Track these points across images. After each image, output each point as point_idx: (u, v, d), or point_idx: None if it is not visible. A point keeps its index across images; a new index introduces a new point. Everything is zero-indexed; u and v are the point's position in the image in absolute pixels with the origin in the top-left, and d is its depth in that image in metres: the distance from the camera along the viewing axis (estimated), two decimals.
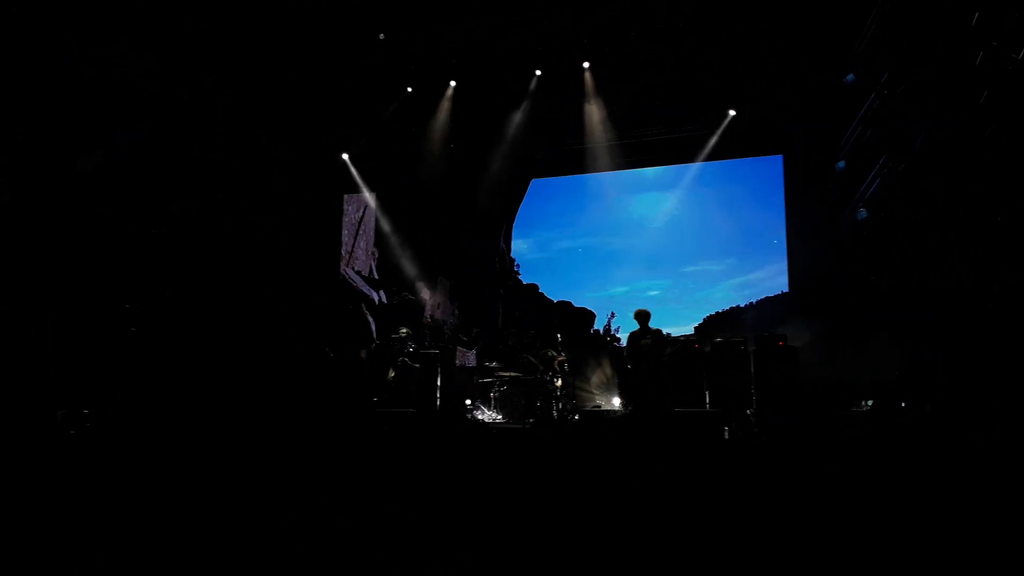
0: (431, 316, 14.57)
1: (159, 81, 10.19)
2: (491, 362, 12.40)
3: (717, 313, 12.84)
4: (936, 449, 4.11)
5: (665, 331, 10.98)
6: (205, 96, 10.96)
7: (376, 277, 15.18)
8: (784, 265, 12.11)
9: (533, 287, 14.55)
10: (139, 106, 10.20)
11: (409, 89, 13.06)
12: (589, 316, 13.84)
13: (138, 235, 10.43)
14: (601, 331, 13.59)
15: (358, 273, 15.21)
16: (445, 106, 13.21)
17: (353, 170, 14.32)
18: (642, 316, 10.17)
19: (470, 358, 13.88)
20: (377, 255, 15.26)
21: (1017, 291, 6.19)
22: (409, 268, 14.89)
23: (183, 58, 10.43)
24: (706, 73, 11.70)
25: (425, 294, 14.81)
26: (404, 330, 12.13)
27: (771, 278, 12.43)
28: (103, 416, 8.37)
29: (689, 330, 12.67)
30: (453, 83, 12.95)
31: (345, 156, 14.16)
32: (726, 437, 9.46)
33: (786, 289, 11.98)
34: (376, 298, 15.01)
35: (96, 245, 9.90)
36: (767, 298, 12.39)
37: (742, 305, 12.71)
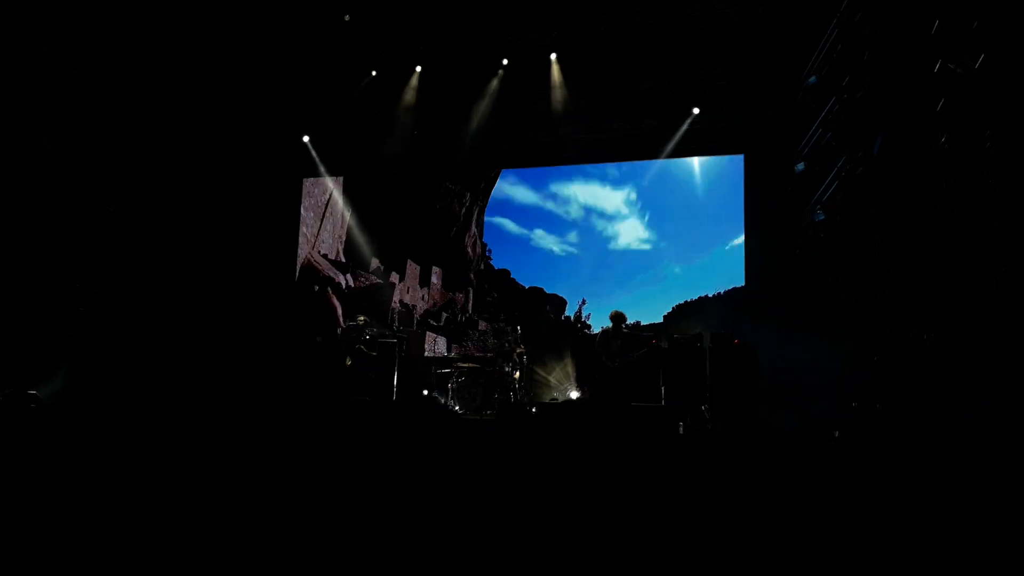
0: (400, 301, 14.46)
1: (91, 69, 9.95)
2: (463, 346, 12.40)
3: (687, 302, 12.96)
4: (884, 447, 4.19)
5: (631, 320, 11.10)
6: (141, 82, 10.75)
7: (343, 260, 15.02)
8: None
9: (505, 272, 14.51)
10: (72, 95, 9.93)
11: (374, 73, 12.88)
12: (560, 302, 13.86)
13: (90, 213, 10.16)
14: (572, 317, 13.63)
15: (324, 256, 15.03)
16: (411, 91, 13.06)
17: (314, 153, 14.12)
18: (617, 318, 10.26)
19: (440, 343, 13.82)
20: (344, 239, 15.10)
21: (972, 292, 6.34)
22: (378, 252, 14.78)
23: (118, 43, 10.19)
24: (670, 71, 11.77)
25: (394, 278, 14.69)
26: (362, 317, 12.02)
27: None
28: (51, 397, 8.14)
29: (659, 318, 12.79)
30: (419, 68, 12.81)
31: (306, 139, 13.95)
32: (680, 432, 9.58)
33: None
34: (343, 282, 14.86)
35: (44, 219, 9.61)
36: (735, 288, 12.53)
37: (710, 295, 12.84)
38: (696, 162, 13.06)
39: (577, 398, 11.71)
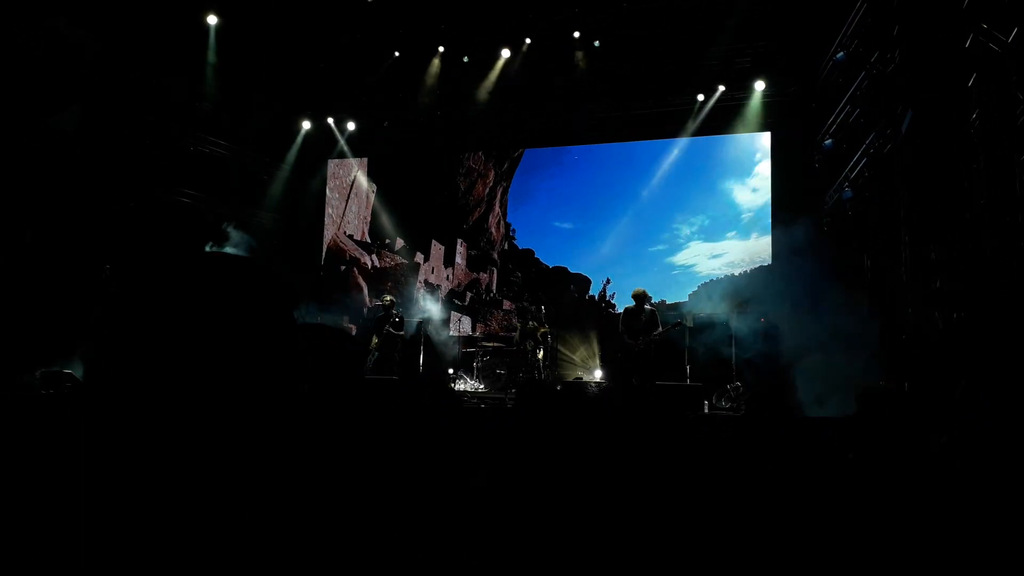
0: (424, 280, 14.56)
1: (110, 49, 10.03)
2: (487, 326, 12.50)
3: (712, 280, 12.88)
4: (909, 432, 4.18)
5: (656, 300, 11.10)
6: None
7: (368, 241, 15.15)
8: None
9: (529, 252, 14.51)
10: (93, 76, 10.03)
11: (397, 54, 12.89)
12: (584, 282, 13.85)
13: (119, 200, 10.30)
14: (596, 297, 13.63)
15: (350, 237, 15.18)
16: (433, 71, 13.06)
17: (339, 134, 14.23)
18: (639, 297, 10.20)
19: (465, 323, 13.93)
20: (369, 220, 15.22)
21: (999, 272, 6.26)
22: (402, 233, 14.90)
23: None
24: (695, 48, 11.65)
25: (419, 258, 14.80)
26: (388, 297, 12.12)
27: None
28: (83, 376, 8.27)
29: (684, 297, 12.76)
30: (442, 48, 12.80)
31: (330, 120, 14.05)
32: (706, 411, 9.61)
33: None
34: (369, 262, 15.01)
35: (69, 201, 9.72)
36: (761, 267, 12.44)
37: (736, 273, 12.74)
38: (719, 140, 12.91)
39: (601, 377, 11.76)
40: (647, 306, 10.18)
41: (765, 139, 12.48)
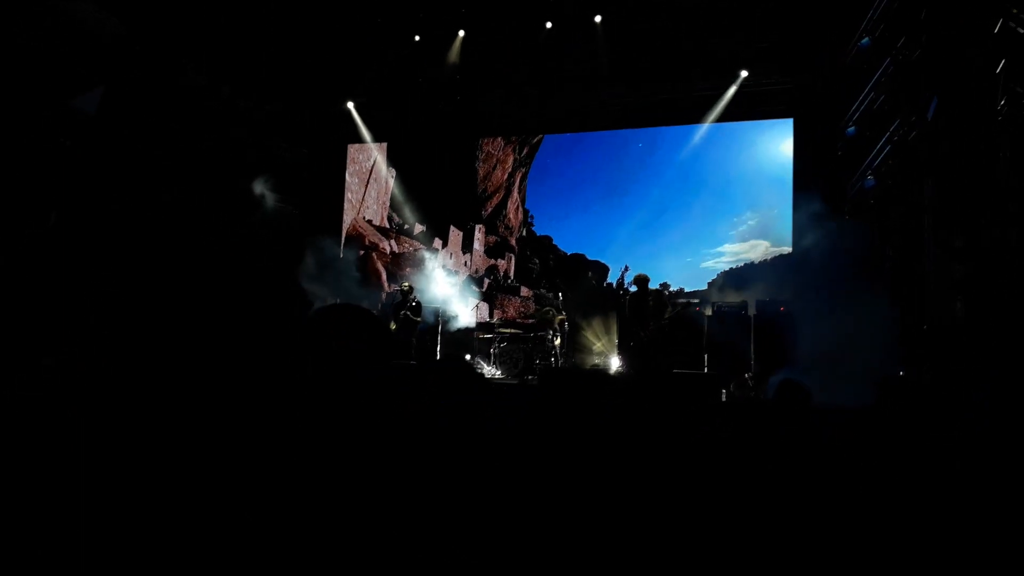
0: (442, 266, 14.60)
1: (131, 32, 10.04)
2: (505, 312, 12.52)
3: (731, 269, 12.79)
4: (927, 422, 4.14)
5: (675, 287, 11.05)
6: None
7: (387, 226, 15.20)
8: None
9: (547, 239, 14.49)
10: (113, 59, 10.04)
11: (417, 38, 12.85)
12: (603, 269, 13.81)
13: (128, 178, 10.31)
14: (614, 284, 13.59)
15: (368, 222, 15.23)
16: (453, 56, 13.01)
17: (359, 119, 14.24)
18: (642, 281, 10.25)
19: (482, 309, 13.95)
20: (388, 205, 15.27)
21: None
22: (421, 218, 14.94)
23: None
24: (719, 32, 11.51)
25: (437, 244, 14.83)
26: (406, 283, 12.17)
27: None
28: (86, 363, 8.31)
29: (703, 285, 12.69)
30: (462, 33, 12.74)
31: (350, 105, 14.05)
32: (723, 400, 9.56)
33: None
34: (388, 247, 15.06)
35: (85, 182, 9.76)
36: (781, 255, 12.34)
37: (756, 262, 12.66)
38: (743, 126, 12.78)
39: (619, 365, 11.72)
40: (666, 291, 10.16)
41: (787, 126, 12.36)
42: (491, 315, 13.82)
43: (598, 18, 11.91)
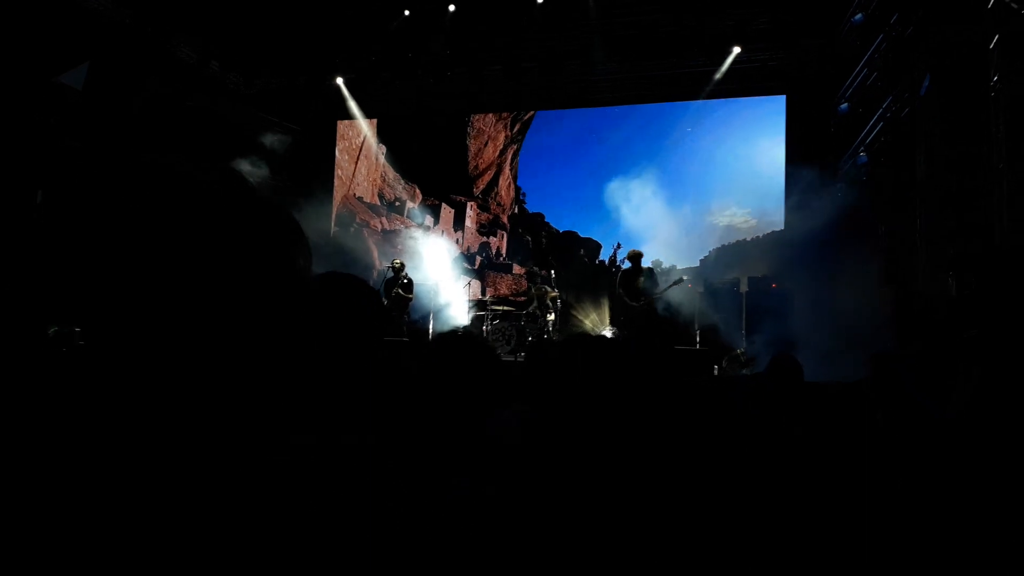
0: (434, 243, 14.57)
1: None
2: (497, 289, 12.53)
3: (724, 246, 12.82)
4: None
5: (667, 264, 11.08)
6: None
7: (378, 203, 15.13)
8: None
9: (539, 216, 14.46)
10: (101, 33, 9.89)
11: (407, 12, 12.69)
12: (595, 246, 13.81)
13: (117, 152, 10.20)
14: (607, 262, 13.61)
15: (359, 199, 15.15)
16: (444, 30, 12.86)
17: (348, 95, 14.09)
18: (635, 257, 10.28)
19: (474, 286, 13.95)
20: (379, 182, 15.18)
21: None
22: (412, 196, 14.86)
23: None
24: (710, 8, 11.44)
25: (429, 221, 14.78)
26: (398, 260, 12.14)
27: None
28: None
29: (695, 262, 12.72)
30: (452, 7, 12.58)
31: (340, 80, 13.90)
32: (715, 375, 9.64)
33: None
34: (379, 224, 15.00)
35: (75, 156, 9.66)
36: (773, 232, 12.39)
37: (748, 239, 12.69)
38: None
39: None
40: (658, 267, 10.21)
41: (780, 103, 12.35)
42: (483, 292, 13.83)
43: None
